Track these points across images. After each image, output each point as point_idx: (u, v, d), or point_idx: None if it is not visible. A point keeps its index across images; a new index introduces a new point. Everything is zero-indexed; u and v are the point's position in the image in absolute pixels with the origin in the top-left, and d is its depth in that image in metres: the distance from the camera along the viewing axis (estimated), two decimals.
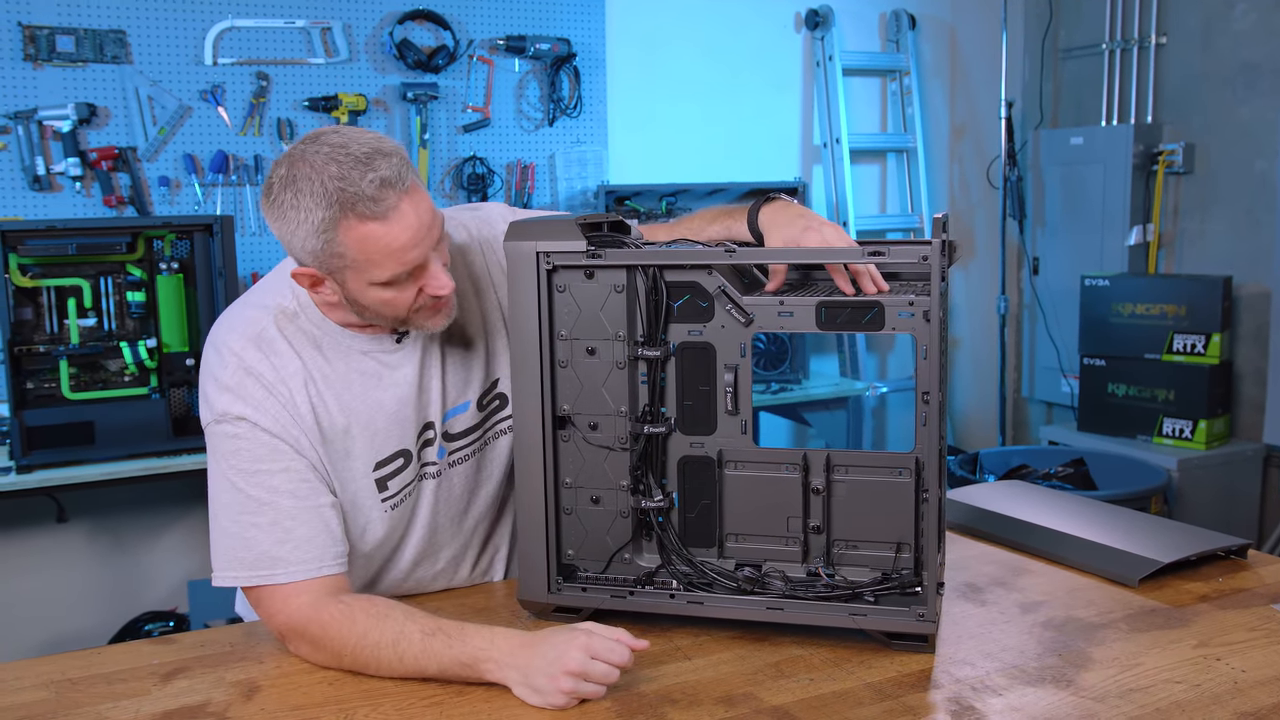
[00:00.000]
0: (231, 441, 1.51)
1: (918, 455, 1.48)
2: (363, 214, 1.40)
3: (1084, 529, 1.86)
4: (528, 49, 4.07)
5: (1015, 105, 4.93)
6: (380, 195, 1.40)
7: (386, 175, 1.41)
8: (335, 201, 1.40)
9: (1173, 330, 4.14)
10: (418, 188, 1.45)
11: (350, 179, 1.40)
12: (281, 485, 1.50)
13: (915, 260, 1.42)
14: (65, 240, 3.07)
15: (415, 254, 1.45)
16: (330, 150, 1.42)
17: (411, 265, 1.45)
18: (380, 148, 1.43)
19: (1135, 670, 1.42)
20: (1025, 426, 5.17)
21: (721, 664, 1.46)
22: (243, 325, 1.56)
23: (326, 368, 1.57)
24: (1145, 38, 4.55)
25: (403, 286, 1.47)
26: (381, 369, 1.60)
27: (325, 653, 1.45)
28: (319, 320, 1.57)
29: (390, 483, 1.61)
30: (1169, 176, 4.51)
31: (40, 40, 3.43)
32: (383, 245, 1.42)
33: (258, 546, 1.49)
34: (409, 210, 1.43)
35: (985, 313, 5.11)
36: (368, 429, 1.58)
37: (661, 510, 1.56)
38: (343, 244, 1.42)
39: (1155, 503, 3.82)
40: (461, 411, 1.68)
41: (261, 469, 1.50)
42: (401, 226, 1.42)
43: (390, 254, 1.43)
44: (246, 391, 1.51)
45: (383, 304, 1.49)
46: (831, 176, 4.71)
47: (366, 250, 1.43)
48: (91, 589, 3.69)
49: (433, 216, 1.47)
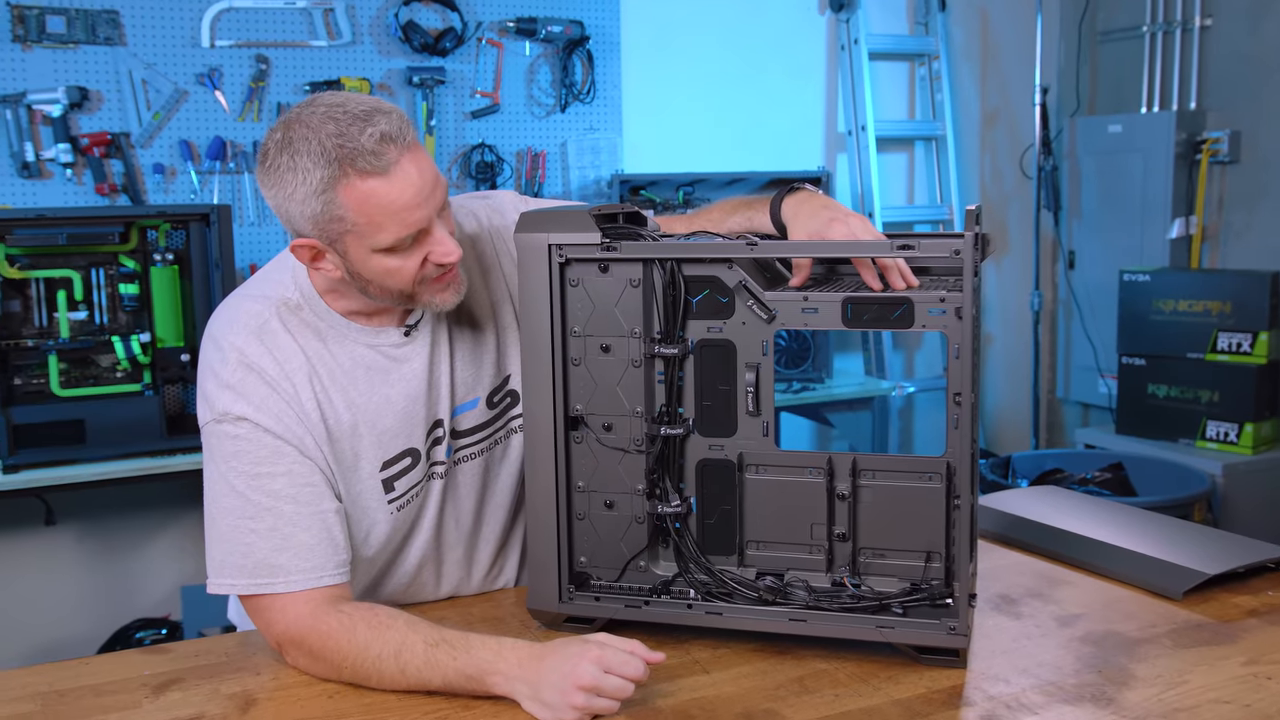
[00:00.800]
0: (232, 443, 1.50)
1: (948, 459, 1.47)
2: (363, 170, 1.39)
3: (1124, 538, 1.85)
4: (539, 31, 4.07)
5: (1050, 91, 4.90)
6: (381, 149, 1.39)
7: (387, 130, 1.40)
8: (334, 159, 1.39)
9: (1217, 328, 4.11)
10: (419, 146, 1.44)
11: (349, 135, 1.39)
12: (283, 489, 1.50)
13: (947, 254, 1.41)
14: (55, 230, 3.07)
15: (419, 214, 1.43)
16: (327, 109, 1.41)
17: (415, 227, 1.44)
18: (379, 106, 1.43)
19: (1180, 689, 1.40)
20: (1060, 429, 5.15)
21: (741, 678, 1.45)
22: (243, 318, 1.55)
23: (332, 362, 1.56)
24: (1189, 19, 4.51)
25: (407, 253, 1.46)
26: (389, 364, 1.59)
27: (324, 664, 1.45)
28: (323, 312, 1.56)
29: (397, 483, 1.61)
30: (1213, 166, 4.48)
31: (29, 20, 3.44)
32: (385, 203, 1.41)
33: (256, 554, 1.48)
34: (411, 166, 1.42)
35: (1018, 309, 5.08)
36: (375, 427, 1.58)
37: (679, 516, 1.56)
38: (343, 205, 1.41)
39: (1199, 510, 3.80)
40: (471, 408, 1.67)
41: (263, 472, 1.49)
42: (405, 183, 1.41)
43: (393, 213, 1.41)
44: (248, 389, 1.50)
45: (386, 274, 1.47)
46: (856, 166, 4.69)
47: (368, 210, 1.41)
48: (81, 595, 3.70)
49: (435, 177, 1.46)
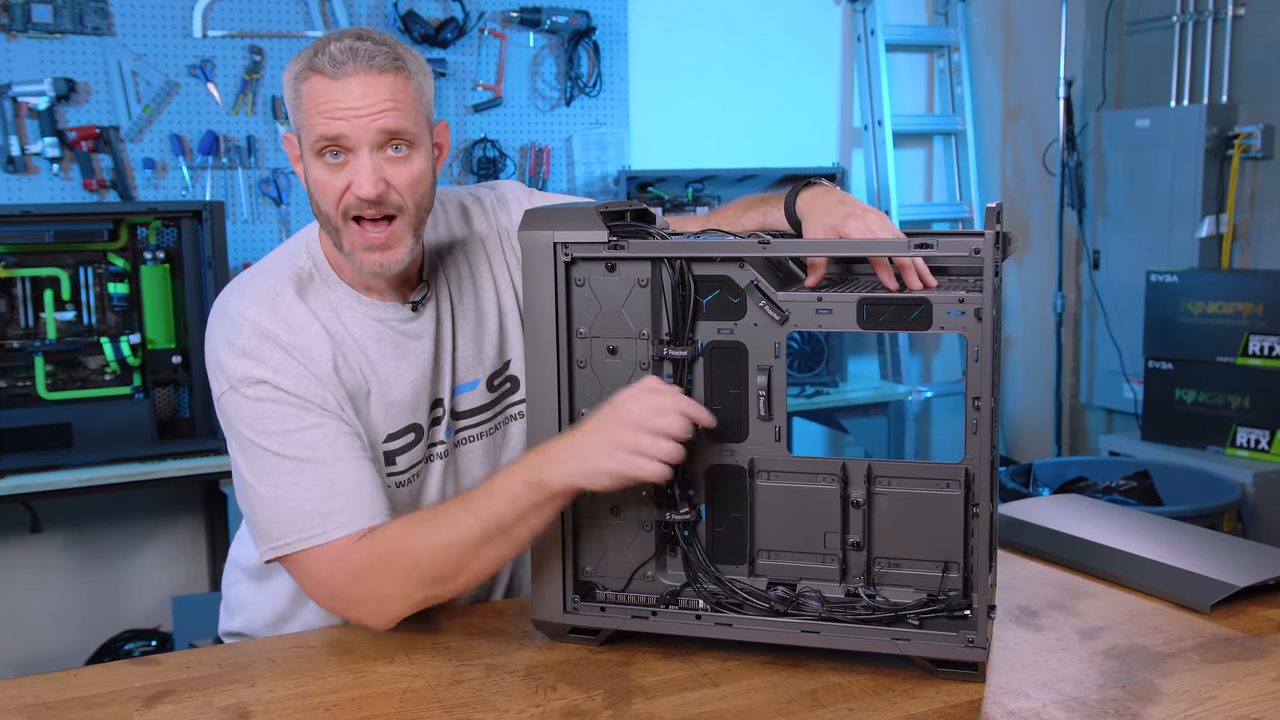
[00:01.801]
0: (255, 405, 1.56)
1: (967, 466, 1.48)
2: (318, 67, 1.53)
3: (1149, 548, 1.85)
4: (543, 22, 4.08)
5: (1075, 84, 4.90)
6: (342, 59, 1.52)
7: (359, 48, 1.52)
8: (310, 56, 1.54)
9: (1248, 331, 4.10)
10: (392, 81, 1.54)
11: (331, 39, 1.54)
12: (317, 440, 1.55)
13: (966, 254, 1.41)
14: (42, 227, 3.09)
15: (342, 126, 1.52)
16: (346, 29, 1.58)
17: (334, 134, 1.52)
18: (386, 39, 1.56)
19: (1208, 705, 1.40)
20: (1083, 435, 5.14)
21: (752, 691, 1.45)
22: (256, 292, 1.62)
23: (344, 332, 1.63)
24: (1220, 9, 4.51)
25: (333, 170, 1.55)
26: (399, 338, 1.66)
27: (401, 564, 1.51)
28: (333, 282, 1.64)
29: (399, 458, 1.66)
30: (1245, 162, 4.48)
31: (14, 9, 3.46)
32: (317, 99, 1.53)
33: (305, 505, 1.53)
34: (359, 83, 1.52)
35: (1040, 311, 5.08)
36: (385, 398, 1.64)
37: (687, 523, 1.56)
38: (300, 95, 1.55)
39: (1228, 520, 3.80)
40: (471, 389, 1.73)
41: (293, 429, 1.55)
42: (342, 91, 1.52)
43: (320, 111, 1.52)
44: (265, 354, 1.57)
45: (317, 186, 1.57)
46: (873, 162, 4.70)
47: (308, 106, 1.54)
48: (67, 605, 3.72)
49: (385, 109, 1.53)
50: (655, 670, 1.51)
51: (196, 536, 3.85)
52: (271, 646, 1.63)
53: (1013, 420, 5.17)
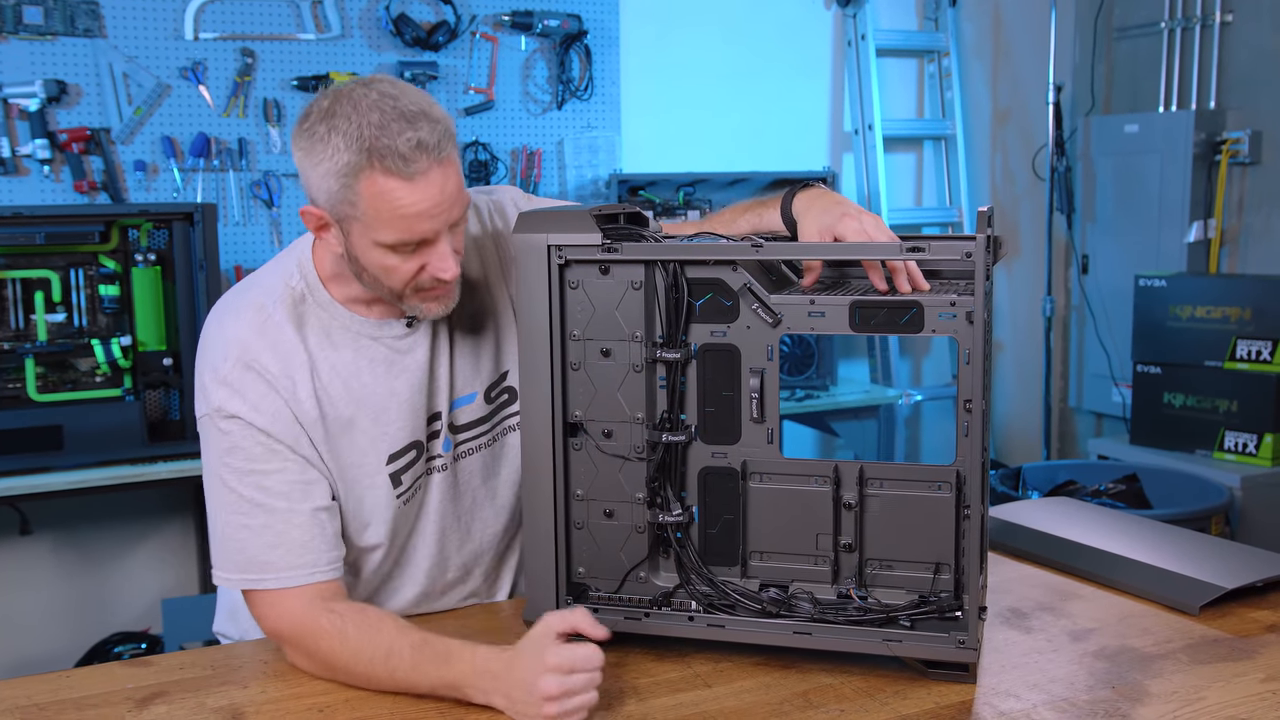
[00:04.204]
0: (224, 438, 1.56)
1: (958, 468, 1.49)
2: (389, 169, 1.44)
3: (1138, 551, 1.86)
4: (535, 25, 4.08)
5: (1064, 89, 4.91)
6: (413, 156, 1.44)
7: (425, 139, 1.45)
8: (366, 149, 1.44)
9: (1236, 335, 4.12)
10: (453, 162, 1.49)
11: (389, 130, 1.44)
12: (275, 486, 1.55)
13: (958, 257, 1.42)
14: (32, 229, 3.08)
15: (427, 226, 1.48)
16: (379, 98, 1.46)
17: (419, 236, 1.48)
18: (430, 112, 1.47)
19: (1196, 706, 1.41)
20: (1072, 439, 5.16)
21: (744, 693, 1.46)
22: (249, 312, 1.60)
23: (335, 357, 1.61)
24: (1209, 15, 4.53)
25: (406, 257, 1.50)
26: (394, 355, 1.64)
27: (318, 663, 1.52)
28: (326, 302, 1.62)
29: (404, 476, 1.66)
30: (1233, 167, 4.49)
31: (5, 10, 3.45)
32: (397, 206, 1.45)
33: (249, 550, 1.55)
34: (437, 179, 1.46)
35: (1030, 315, 5.10)
36: (379, 420, 1.63)
37: (680, 525, 1.56)
38: (359, 194, 1.46)
39: (1216, 523, 3.81)
40: (468, 402, 1.72)
41: (256, 469, 1.55)
42: (423, 194, 1.46)
43: (402, 218, 1.46)
44: (245, 387, 1.55)
45: (382, 270, 1.52)
46: (863, 166, 4.71)
47: (379, 206, 1.46)
48: (57, 608, 3.71)
49: (458, 194, 1.50)
50: (648, 671, 1.52)
51: (187, 539, 3.84)
52: (264, 648, 1.63)
53: (1002, 424, 5.19)
